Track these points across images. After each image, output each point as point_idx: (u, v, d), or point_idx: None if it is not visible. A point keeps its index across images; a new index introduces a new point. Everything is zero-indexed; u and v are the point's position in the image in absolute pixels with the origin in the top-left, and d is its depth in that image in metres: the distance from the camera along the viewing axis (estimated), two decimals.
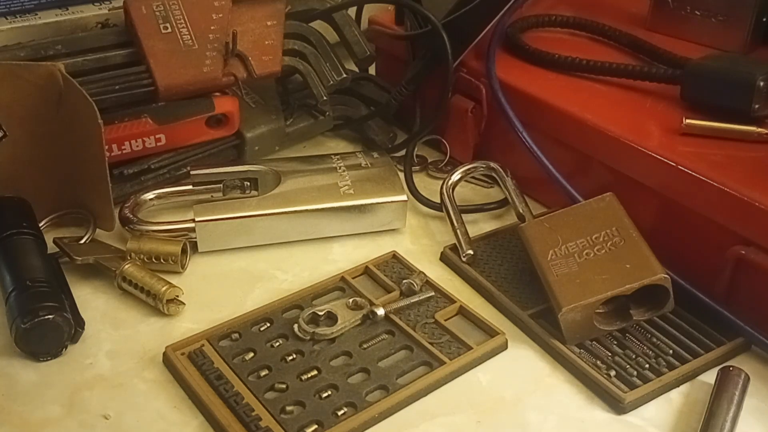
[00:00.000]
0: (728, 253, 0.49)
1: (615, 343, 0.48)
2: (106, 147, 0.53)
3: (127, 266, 0.51)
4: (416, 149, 0.66)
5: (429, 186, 0.63)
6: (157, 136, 0.58)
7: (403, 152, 0.65)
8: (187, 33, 0.58)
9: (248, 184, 0.58)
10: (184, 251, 0.53)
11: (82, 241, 0.54)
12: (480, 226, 0.59)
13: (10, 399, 0.44)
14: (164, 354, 0.46)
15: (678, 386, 0.46)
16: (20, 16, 0.61)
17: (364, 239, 0.57)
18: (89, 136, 0.52)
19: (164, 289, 0.49)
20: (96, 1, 0.63)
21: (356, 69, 0.69)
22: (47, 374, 0.45)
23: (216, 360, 0.46)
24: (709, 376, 0.46)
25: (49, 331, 0.45)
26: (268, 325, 0.48)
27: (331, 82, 0.63)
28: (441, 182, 0.59)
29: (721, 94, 0.54)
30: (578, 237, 0.49)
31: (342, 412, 0.43)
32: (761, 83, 0.52)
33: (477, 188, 0.64)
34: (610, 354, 0.47)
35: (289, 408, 0.43)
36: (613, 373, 0.46)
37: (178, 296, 0.50)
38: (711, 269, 0.50)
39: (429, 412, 0.44)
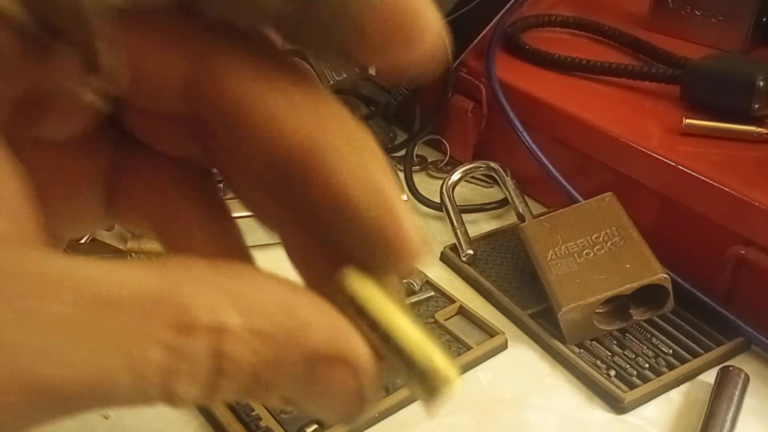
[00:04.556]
0: (728, 253, 0.49)
1: (615, 342, 0.48)
2: None
3: None
4: (416, 149, 0.66)
5: (429, 186, 0.63)
6: None
7: (403, 152, 0.65)
8: None
9: None
10: None
11: (82, 241, 0.54)
12: (480, 226, 0.59)
13: None
14: None
15: (678, 386, 0.46)
16: None
17: None
18: None
19: None
20: None
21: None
22: None
23: None
24: (709, 376, 0.46)
25: None
26: None
27: (331, 82, 0.63)
28: (441, 182, 0.58)
29: (721, 94, 0.54)
30: (578, 237, 0.49)
31: None
32: (761, 83, 0.52)
33: (477, 188, 0.64)
34: (610, 354, 0.47)
35: (289, 407, 0.43)
36: (613, 372, 0.46)
37: None
38: (711, 269, 0.50)
39: None
